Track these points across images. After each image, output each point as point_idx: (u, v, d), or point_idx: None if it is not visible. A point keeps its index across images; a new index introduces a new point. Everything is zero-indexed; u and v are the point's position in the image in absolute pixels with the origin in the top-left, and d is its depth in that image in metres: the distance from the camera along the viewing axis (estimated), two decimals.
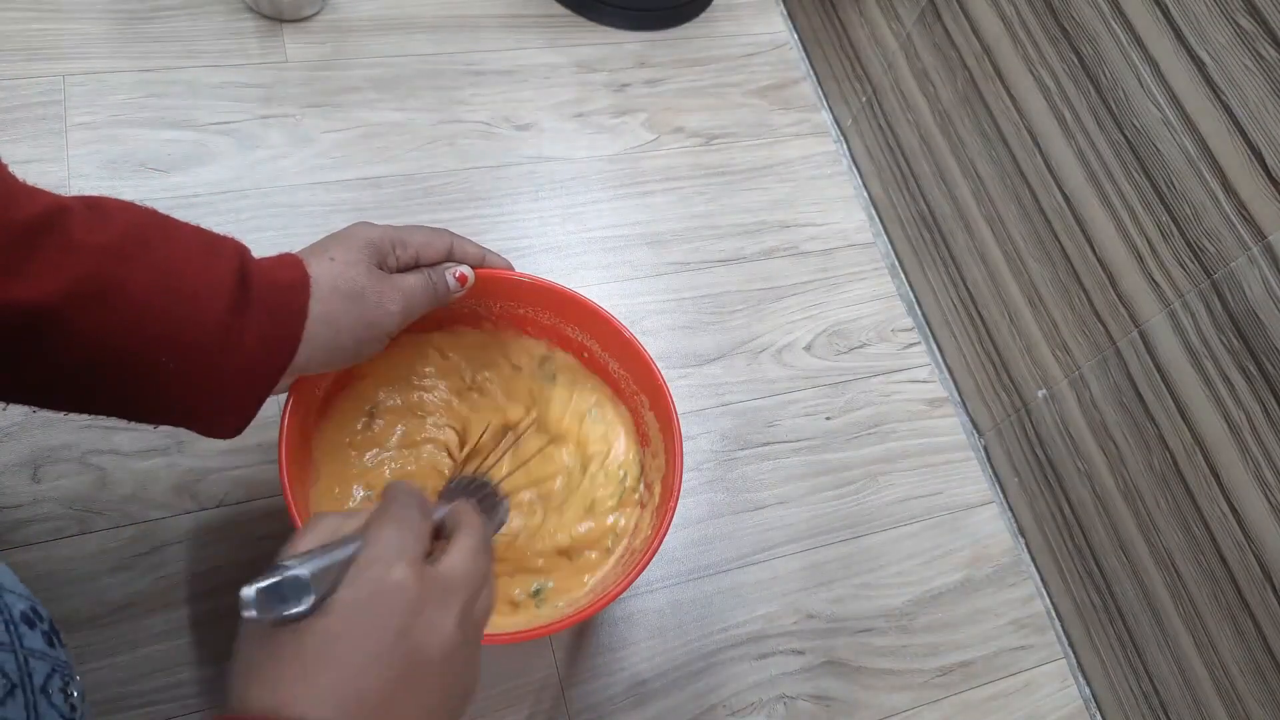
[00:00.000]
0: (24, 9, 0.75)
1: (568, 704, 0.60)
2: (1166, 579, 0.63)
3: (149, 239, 0.40)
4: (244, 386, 0.43)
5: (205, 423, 0.43)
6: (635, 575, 0.50)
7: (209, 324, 0.40)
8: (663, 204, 0.81)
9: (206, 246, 0.42)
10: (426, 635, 0.34)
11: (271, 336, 0.42)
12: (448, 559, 0.37)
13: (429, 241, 0.52)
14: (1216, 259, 0.55)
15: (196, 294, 0.40)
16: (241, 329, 0.41)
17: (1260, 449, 0.55)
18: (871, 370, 0.79)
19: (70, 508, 0.58)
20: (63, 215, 0.37)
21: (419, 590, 0.34)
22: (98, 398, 0.41)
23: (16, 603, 0.38)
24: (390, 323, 0.47)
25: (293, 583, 0.32)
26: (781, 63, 0.93)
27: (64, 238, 0.37)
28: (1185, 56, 0.56)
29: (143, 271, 0.39)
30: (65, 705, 0.38)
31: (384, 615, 0.33)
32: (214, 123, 0.74)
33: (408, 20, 0.84)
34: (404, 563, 0.34)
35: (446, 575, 0.36)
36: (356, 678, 0.32)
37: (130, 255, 0.39)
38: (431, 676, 0.34)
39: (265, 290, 0.42)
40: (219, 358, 0.41)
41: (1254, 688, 0.58)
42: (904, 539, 0.72)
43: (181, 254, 0.41)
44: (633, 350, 0.57)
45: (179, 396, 0.41)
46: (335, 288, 0.45)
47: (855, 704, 0.65)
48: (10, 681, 0.35)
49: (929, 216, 0.81)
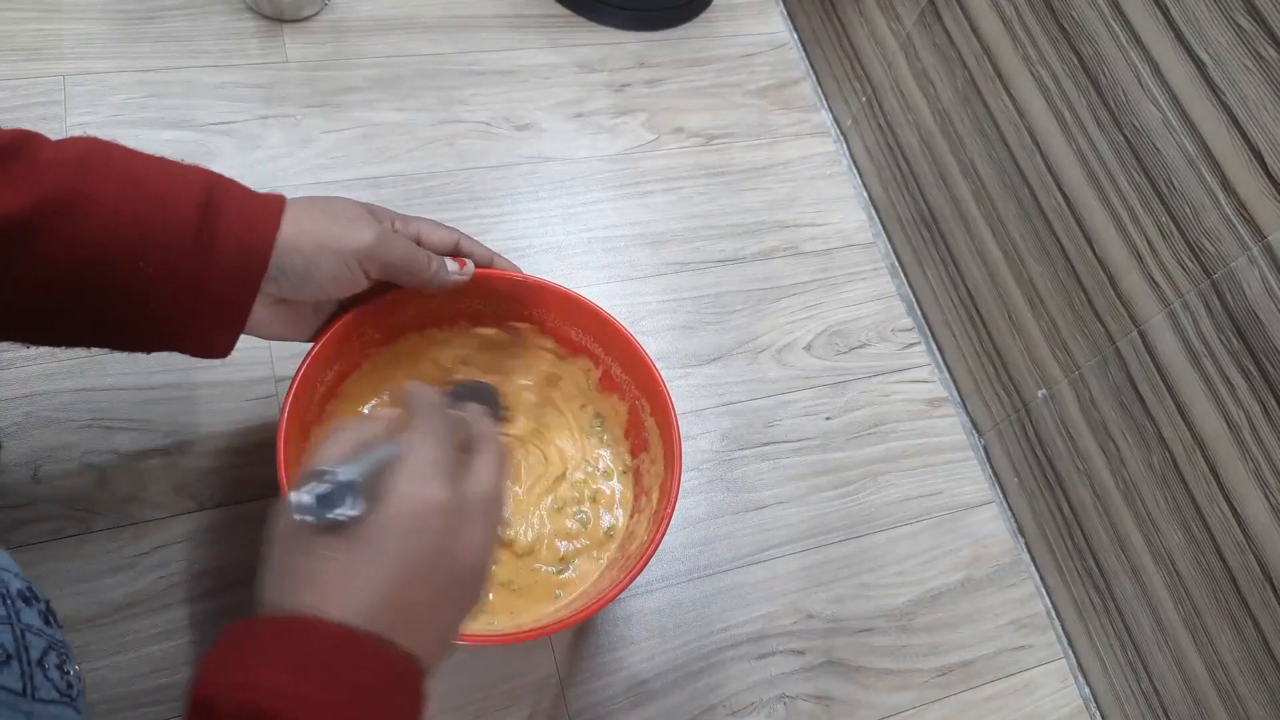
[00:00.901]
0: (24, 9, 0.75)
1: (568, 704, 0.60)
2: (1166, 579, 0.63)
3: (112, 154, 0.42)
4: (225, 292, 0.43)
5: (195, 339, 0.44)
6: (629, 580, 0.50)
7: (181, 226, 0.41)
8: (663, 204, 0.81)
9: (171, 164, 0.43)
10: (464, 551, 0.36)
11: (245, 240, 0.43)
12: (478, 477, 0.38)
13: (433, 230, 0.52)
14: (1216, 259, 0.55)
15: (164, 199, 0.41)
16: (214, 232, 0.42)
17: (1260, 449, 0.55)
18: (871, 370, 0.79)
19: (70, 508, 0.58)
20: (29, 140, 0.40)
21: (454, 508, 0.36)
22: (83, 317, 0.42)
23: (13, 581, 0.38)
24: (357, 243, 0.46)
25: (344, 488, 0.33)
26: (781, 63, 0.93)
27: (30, 157, 0.39)
28: (1185, 57, 0.56)
29: (110, 182, 0.40)
30: (61, 681, 0.38)
31: (425, 532, 0.35)
32: (214, 123, 0.74)
33: (408, 20, 0.84)
34: (443, 480, 0.36)
35: (479, 492, 0.38)
36: (397, 590, 0.34)
37: (96, 168, 0.40)
38: (466, 586, 0.37)
39: (238, 199, 0.44)
40: (195, 260, 0.42)
41: (1254, 688, 0.58)
42: (904, 539, 0.72)
43: (146, 166, 0.42)
44: (636, 356, 0.57)
45: (163, 309, 0.42)
46: (313, 204, 0.46)
47: (855, 704, 0.65)
48: (6, 652, 0.35)
49: (929, 216, 0.81)
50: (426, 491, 0.35)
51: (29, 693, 0.36)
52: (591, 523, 0.59)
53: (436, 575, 0.35)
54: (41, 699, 0.36)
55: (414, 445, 0.37)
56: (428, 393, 0.40)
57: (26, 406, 0.61)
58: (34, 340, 0.43)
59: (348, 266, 0.47)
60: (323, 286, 0.47)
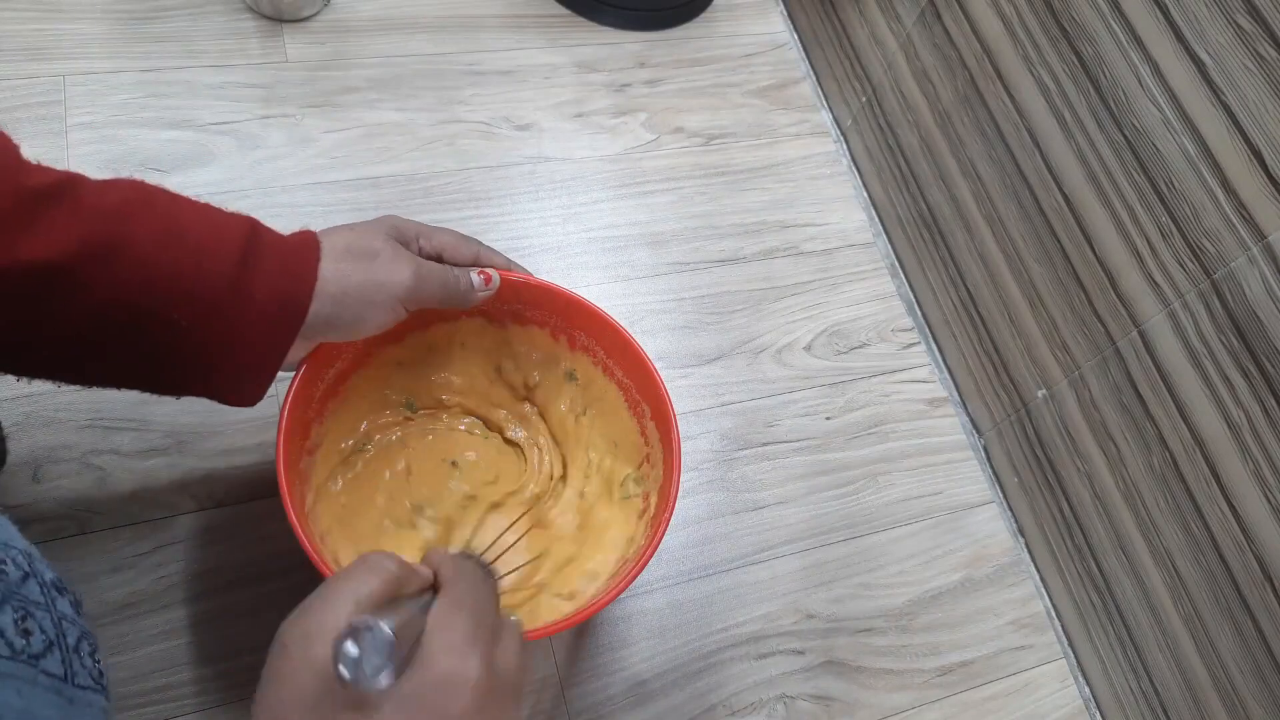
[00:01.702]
0: (24, 9, 0.75)
1: (568, 704, 0.60)
2: (1166, 579, 0.63)
3: (154, 200, 0.41)
4: (259, 344, 0.43)
5: (225, 387, 0.44)
6: (626, 584, 0.50)
7: (217, 278, 0.41)
8: (663, 204, 0.81)
9: (213, 211, 0.43)
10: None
11: (283, 291, 0.43)
12: (504, 656, 0.37)
13: (455, 244, 0.52)
14: (1216, 259, 0.55)
15: (203, 249, 0.41)
16: (251, 284, 0.42)
17: (1260, 449, 0.55)
18: (871, 370, 0.79)
19: (70, 508, 0.58)
20: (73, 183, 0.39)
21: (489, 686, 0.35)
22: (117, 362, 0.42)
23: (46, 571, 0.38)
24: (398, 287, 0.47)
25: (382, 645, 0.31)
26: (781, 63, 0.93)
27: (74, 202, 0.39)
28: (1185, 56, 0.56)
29: (149, 229, 0.40)
30: (95, 669, 0.38)
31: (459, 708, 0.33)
32: (214, 123, 0.74)
33: (408, 20, 0.84)
34: (478, 654, 0.35)
35: (507, 670, 0.37)
36: None
37: (136, 214, 0.40)
38: None
39: (275, 248, 0.43)
40: (231, 312, 0.42)
41: (1254, 688, 0.58)
42: (904, 539, 0.72)
43: (188, 214, 0.42)
44: (639, 360, 0.56)
45: (195, 357, 0.42)
46: (348, 247, 0.46)
47: (855, 704, 0.65)
48: (49, 639, 0.35)
49: (929, 216, 0.81)
50: (461, 665, 0.34)
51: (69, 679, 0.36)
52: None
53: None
54: (80, 685, 0.36)
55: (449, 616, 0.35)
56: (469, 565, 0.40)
57: (26, 406, 0.61)
58: (63, 380, 0.43)
59: (393, 311, 0.48)
60: (368, 331, 0.48)
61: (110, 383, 0.43)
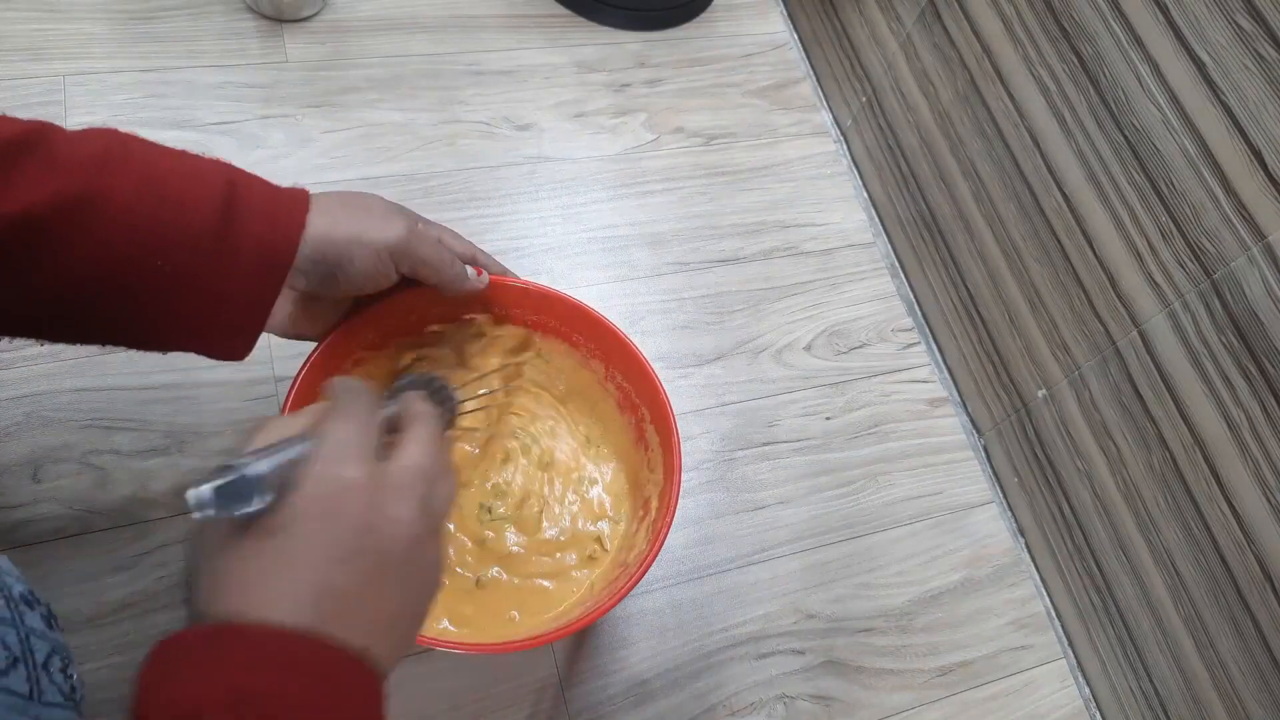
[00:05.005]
0: (24, 9, 0.75)
1: (568, 704, 0.60)
2: (1166, 579, 0.63)
3: (130, 151, 0.40)
4: (245, 295, 0.42)
5: (212, 341, 0.43)
6: (625, 591, 0.49)
7: (199, 229, 0.40)
8: (663, 204, 0.81)
9: (191, 158, 0.42)
10: (388, 529, 0.33)
11: (267, 241, 0.42)
12: (401, 452, 0.36)
13: (454, 238, 0.52)
14: (1216, 259, 0.55)
15: (182, 202, 0.40)
16: (235, 235, 0.41)
17: (1260, 449, 0.55)
18: (871, 370, 0.79)
19: (70, 508, 0.58)
20: (44, 133, 0.38)
21: (374, 485, 0.34)
22: (99, 317, 0.41)
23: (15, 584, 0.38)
24: (391, 236, 0.46)
25: (247, 481, 0.31)
26: (781, 63, 0.93)
27: (47, 154, 0.38)
28: (1185, 56, 0.56)
29: (127, 180, 0.39)
30: (65, 685, 0.38)
31: (343, 513, 0.33)
32: (214, 123, 0.74)
33: (408, 20, 0.84)
34: (357, 459, 0.34)
35: (402, 468, 0.35)
36: (322, 577, 0.32)
37: (113, 166, 0.39)
38: (396, 569, 0.34)
39: (258, 200, 0.43)
40: (215, 263, 0.41)
41: (1254, 688, 0.58)
42: (904, 539, 0.72)
43: (166, 165, 0.41)
44: (638, 364, 0.56)
45: (180, 310, 0.41)
46: (341, 199, 0.45)
47: (855, 704, 0.65)
48: (13, 654, 0.35)
49: (929, 217, 0.81)
50: (338, 471, 0.33)
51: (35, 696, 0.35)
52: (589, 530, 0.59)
53: (364, 557, 0.33)
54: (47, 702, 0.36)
55: (328, 430, 0.34)
56: (348, 382, 0.38)
57: (26, 406, 0.61)
58: (47, 337, 0.42)
59: (380, 260, 0.47)
60: (355, 280, 0.47)
61: (94, 339, 0.42)
